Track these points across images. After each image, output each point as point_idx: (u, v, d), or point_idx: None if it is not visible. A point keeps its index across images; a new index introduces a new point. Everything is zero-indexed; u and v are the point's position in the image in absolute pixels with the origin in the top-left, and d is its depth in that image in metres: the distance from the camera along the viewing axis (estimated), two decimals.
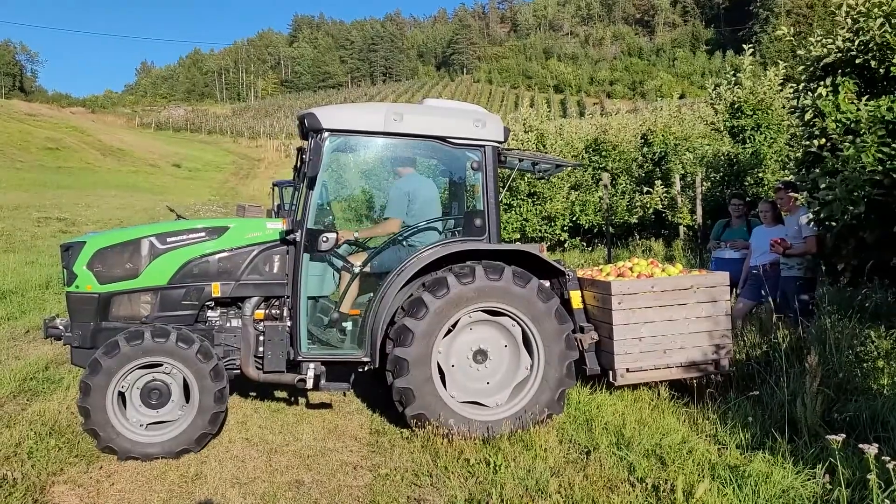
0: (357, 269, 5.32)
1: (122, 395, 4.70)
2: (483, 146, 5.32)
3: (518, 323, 5.12)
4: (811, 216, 6.00)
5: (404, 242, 5.51)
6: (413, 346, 4.85)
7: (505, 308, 5.06)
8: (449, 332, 5.06)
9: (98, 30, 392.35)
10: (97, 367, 4.56)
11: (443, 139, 5.29)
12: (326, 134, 5.03)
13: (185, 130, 74.00)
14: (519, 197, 14.84)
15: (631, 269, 6.03)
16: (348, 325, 5.36)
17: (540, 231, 15.01)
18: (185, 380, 4.74)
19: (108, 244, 5.08)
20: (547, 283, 5.46)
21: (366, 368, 5.21)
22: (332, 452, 4.86)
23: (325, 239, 5.02)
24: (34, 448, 4.71)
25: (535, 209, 14.91)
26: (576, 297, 5.52)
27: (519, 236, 14.81)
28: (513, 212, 14.78)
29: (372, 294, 5.29)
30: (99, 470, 4.51)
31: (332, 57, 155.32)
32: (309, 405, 5.90)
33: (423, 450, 4.74)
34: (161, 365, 4.73)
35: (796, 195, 6.35)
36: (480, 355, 5.18)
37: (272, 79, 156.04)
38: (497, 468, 4.35)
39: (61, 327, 5.12)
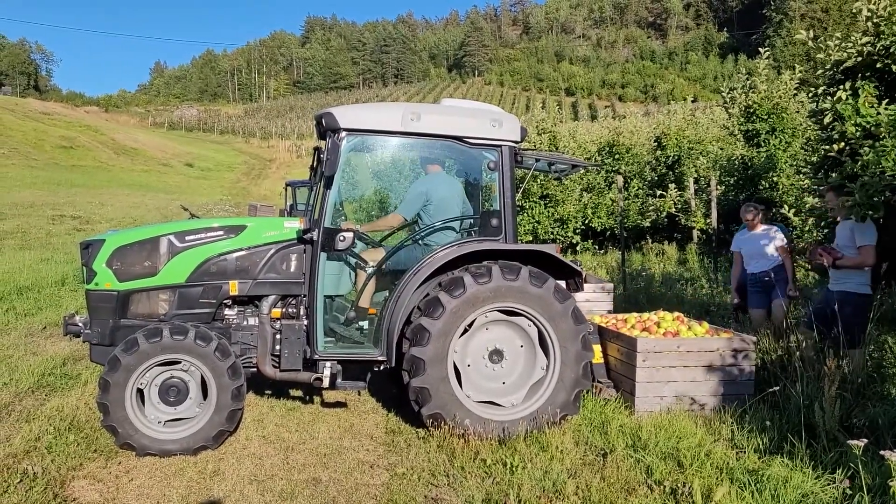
0: (373, 268, 5.34)
1: (140, 392, 4.74)
2: (500, 146, 5.33)
3: (534, 323, 5.12)
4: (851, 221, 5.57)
5: (421, 242, 5.53)
6: (429, 345, 4.86)
7: (521, 308, 5.06)
8: (465, 331, 5.07)
9: (112, 30, 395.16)
10: (116, 363, 4.59)
11: (459, 139, 5.30)
12: (344, 133, 5.05)
13: (198, 130, 74.45)
14: (531, 199, 14.83)
15: (658, 324, 6.03)
16: (364, 324, 5.38)
17: (552, 233, 15.00)
18: (202, 377, 4.77)
19: (128, 242, 5.11)
20: (563, 284, 5.46)
21: (382, 367, 5.23)
22: (349, 451, 4.88)
23: (342, 238, 5.03)
24: (53, 443, 4.75)
25: (548, 211, 14.91)
26: (596, 352, 5.46)
27: (531, 238, 14.79)
28: (525, 214, 14.77)
29: (388, 293, 5.31)
30: (118, 465, 4.54)
31: (343, 58, 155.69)
32: (324, 404, 5.92)
33: (439, 450, 4.75)
34: (179, 362, 4.76)
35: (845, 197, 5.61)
36: (496, 355, 5.18)
37: (284, 79, 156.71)
38: (514, 469, 4.35)
39: (80, 324, 5.16)
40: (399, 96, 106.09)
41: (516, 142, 5.39)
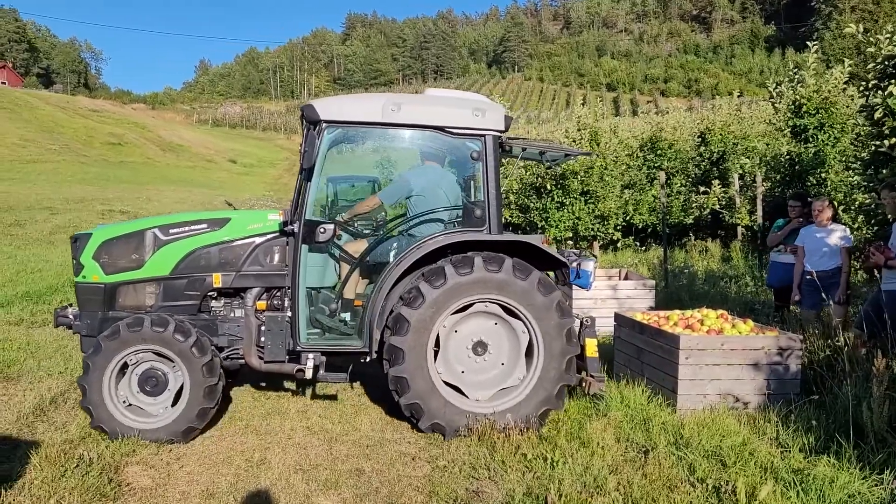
0: (357, 260, 5.35)
1: (129, 404, 4.91)
2: (483, 136, 5.25)
3: (487, 301, 5.07)
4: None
5: (405, 233, 5.51)
6: (412, 388, 4.89)
7: (473, 299, 5.01)
8: (436, 350, 5.06)
9: (159, 28, 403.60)
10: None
11: (441, 129, 5.24)
12: (324, 125, 5.07)
13: (241, 127, 75.59)
14: (572, 195, 14.74)
15: (701, 321, 5.97)
16: (347, 315, 5.39)
17: (593, 230, 14.89)
18: (158, 353, 4.88)
19: (114, 236, 5.25)
20: (552, 275, 5.44)
21: (366, 360, 5.25)
22: (391, 443, 4.95)
23: (322, 230, 5.03)
24: None
25: (588, 207, 14.80)
26: (591, 345, 5.33)
27: (571, 235, 14.72)
28: (565, 210, 14.67)
29: (372, 284, 5.31)
30: (169, 452, 4.69)
31: (383, 55, 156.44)
32: (366, 396, 6.01)
33: (480, 443, 4.78)
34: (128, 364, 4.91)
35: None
36: (480, 347, 5.16)
37: (325, 76, 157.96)
38: (554, 464, 4.37)
39: (71, 316, 5.30)
40: None
41: (500, 131, 5.29)
